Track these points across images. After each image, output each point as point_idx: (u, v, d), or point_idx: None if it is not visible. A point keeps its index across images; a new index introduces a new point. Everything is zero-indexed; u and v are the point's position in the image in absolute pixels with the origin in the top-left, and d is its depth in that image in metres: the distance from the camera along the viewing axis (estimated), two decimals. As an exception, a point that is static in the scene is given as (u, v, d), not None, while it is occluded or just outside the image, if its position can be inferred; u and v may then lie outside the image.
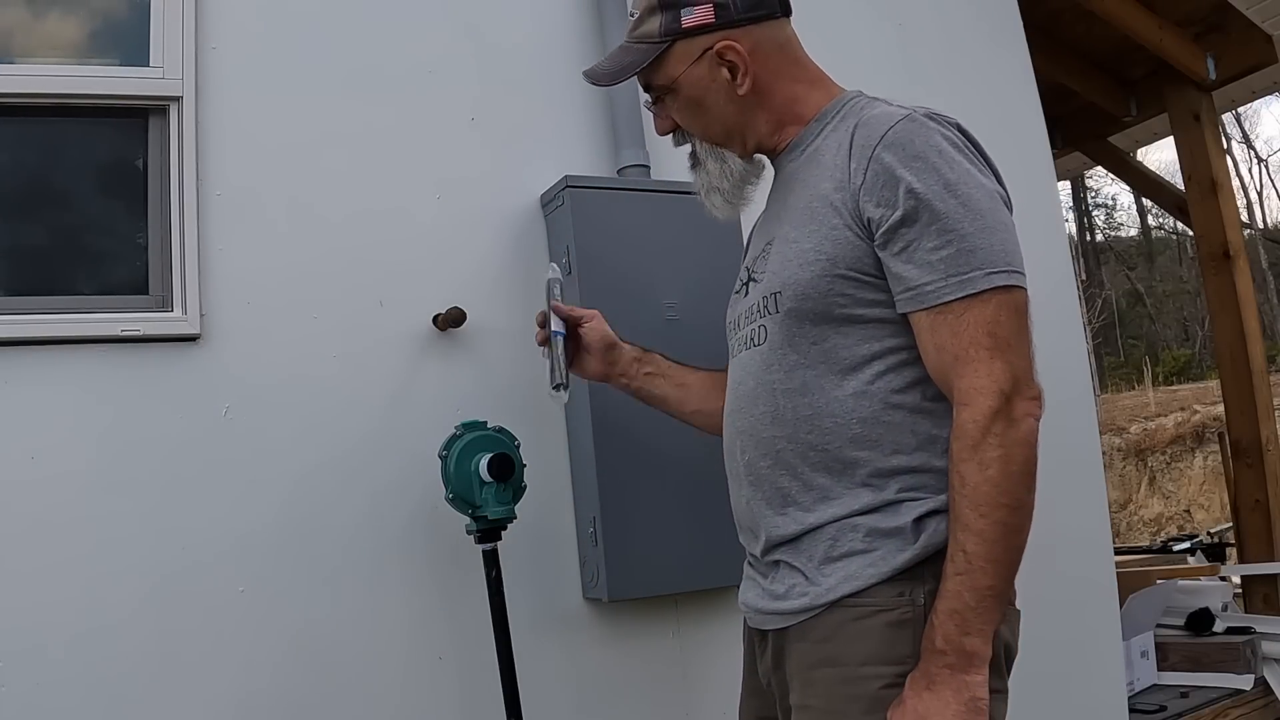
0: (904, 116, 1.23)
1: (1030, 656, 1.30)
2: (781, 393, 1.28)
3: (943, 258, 1.17)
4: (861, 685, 1.19)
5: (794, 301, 1.26)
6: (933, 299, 1.18)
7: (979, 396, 1.15)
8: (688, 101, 1.37)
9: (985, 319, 1.17)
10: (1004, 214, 1.22)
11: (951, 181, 1.19)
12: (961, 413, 1.17)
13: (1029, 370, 1.18)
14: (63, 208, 1.83)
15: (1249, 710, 3.40)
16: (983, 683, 1.14)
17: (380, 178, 1.98)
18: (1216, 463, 9.31)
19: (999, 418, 1.15)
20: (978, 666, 1.14)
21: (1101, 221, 26.35)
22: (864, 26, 2.64)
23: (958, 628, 1.14)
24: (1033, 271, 1.22)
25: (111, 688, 1.64)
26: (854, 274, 1.23)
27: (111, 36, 1.88)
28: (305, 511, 1.81)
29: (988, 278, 1.17)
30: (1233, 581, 4.46)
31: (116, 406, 1.72)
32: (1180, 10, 3.95)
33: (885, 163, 1.20)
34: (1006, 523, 1.14)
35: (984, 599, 1.14)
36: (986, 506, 1.14)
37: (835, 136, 1.30)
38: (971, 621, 1.13)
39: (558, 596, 2.00)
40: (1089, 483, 2.80)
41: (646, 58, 1.35)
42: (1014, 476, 1.15)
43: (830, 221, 1.24)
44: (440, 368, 1.96)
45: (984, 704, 1.13)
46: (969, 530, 1.14)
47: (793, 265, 1.27)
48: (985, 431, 1.15)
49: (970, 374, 1.17)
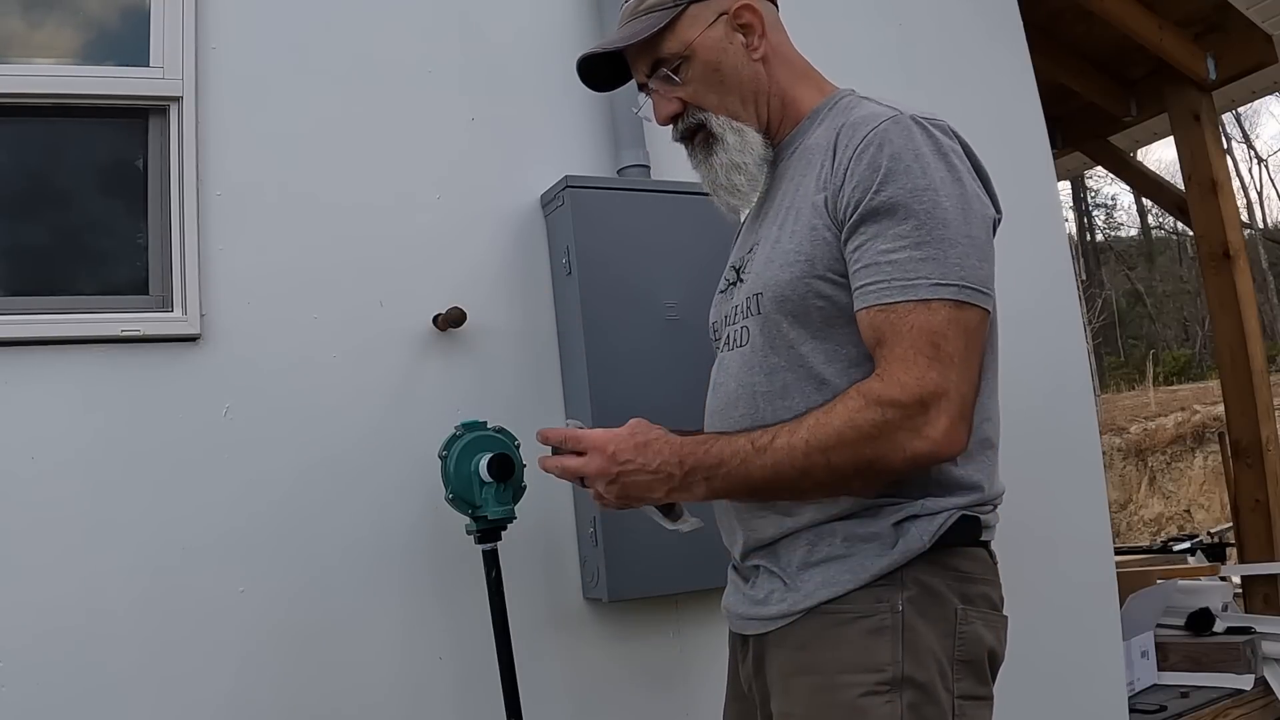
0: (889, 118, 1.19)
1: (1030, 657, 1.30)
2: (762, 395, 1.26)
3: (893, 260, 1.13)
4: (840, 693, 1.17)
5: (774, 303, 1.25)
6: (874, 299, 1.14)
7: (896, 388, 1.10)
8: (704, 68, 1.31)
9: (930, 327, 1.11)
10: (975, 228, 1.16)
11: (920, 187, 1.14)
12: (873, 382, 1.12)
13: (967, 401, 1.12)
14: (63, 208, 1.83)
15: (1249, 710, 3.40)
16: (655, 501, 1.25)
17: (380, 177, 1.98)
18: (1216, 463, 9.31)
19: (903, 417, 1.10)
20: (677, 496, 1.22)
21: (1101, 221, 26.36)
22: (864, 26, 2.64)
23: (706, 475, 1.18)
24: (1033, 271, 1.22)
25: (111, 687, 1.64)
26: (832, 275, 1.21)
27: (112, 37, 1.88)
28: (305, 511, 1.81)
29: (934, 288, 1.11)
30: (1233, 581, 4.45)
31: (117, 406, 1.72)
32: (1180, 10, 3.95)
33: (864, 162, 1.17)
34: (812, 467, 1.13)
35: (737, 480, 1.17)
36: (815, 444, 1.13)
37: (823, 135, 1.27)
38: (716, 482, 1.18)
39: (558, 596, 2.00)
40: (1089, 483, 2.80)
41: (661, 22, 1.30)
42: (857, 458, 1.12)
43: (812, 222, 1.22)
44: (440, 368, 1.96)
45: (630, 497, 1.23)
46: (791, 436, 1.14)
47: (775, 266, 1.25)
48: (879, 410, 1.10)
49: (901, 369, 1.11)
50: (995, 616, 1.24)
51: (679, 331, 1.96)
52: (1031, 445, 1.37)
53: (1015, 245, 2.73)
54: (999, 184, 1.28)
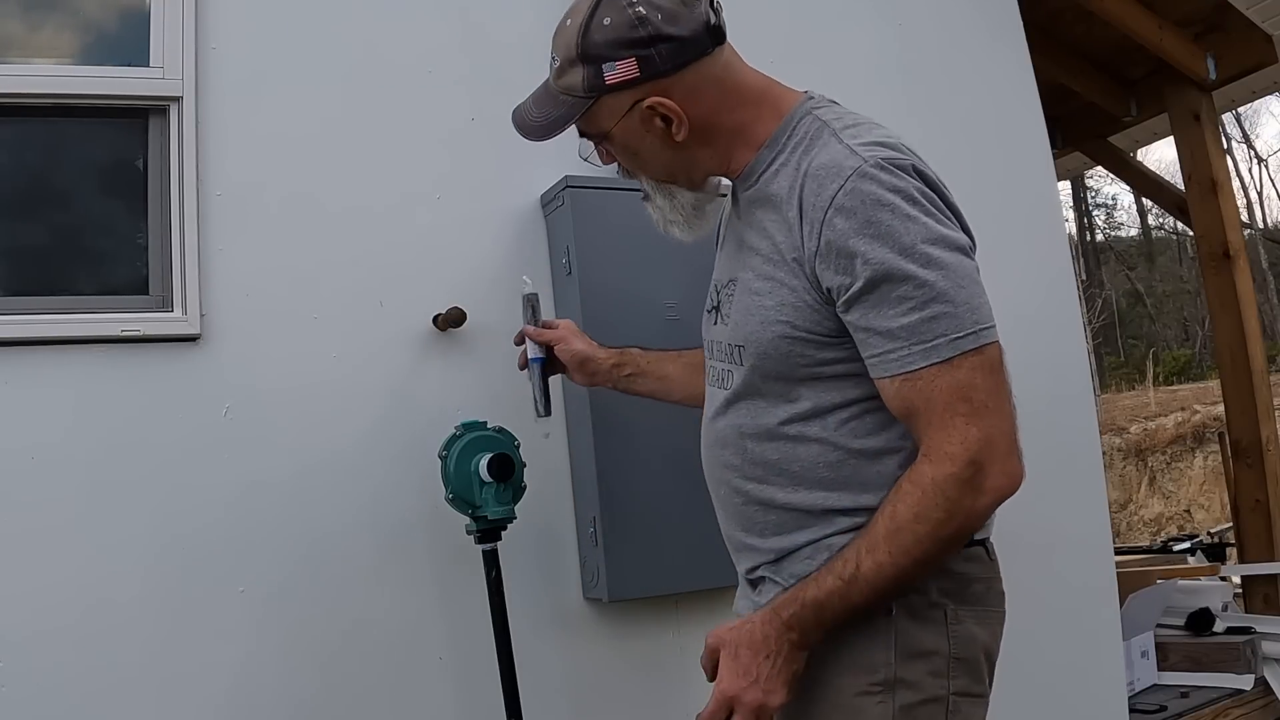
0: (853, 171, 1.15)
1: (1030, 657, 1.30)
2: (750, 437, 1.28)
3: (904, 325, 1.13)
4: (838, 694, 1.22)
5: (756, 359, 1.26)
6: (896, 367, 1.14)
7: (946, 461, 1.12)
8: (624, 150, 1.31)
9: (959, 384, 1.12)
10: (966, 265, 1.16)
11: (907, 245, 1.12)
12: (923, 464, 1.14)
13: (1010, 434, 1.14)
14: (63, 208, 1.83)
15: (1249, 710, 3.40)
16: (800, 667, 1.20)
17: (380, 177, 1.98)
18: (1216, 463, 9.30)
19: (962, 485, 1.12)
20: (804, 652, 1.20)
21: (1101, 221, 26.36)
22: (864, 26, 2.64)
23: (816, 620, 1.18)
24: (1033, 271, 1.22)
25: (111, 687, 1.64)
26: (814, 336, 1.21)
27: (111, 37, 1.88)
28: (305, 511, 1.81)
29: (953, 344, 1.12)
30: (1233, 581, 4.46)
31: (116, 407, 1.72)
32: (1180, 10, 3.95)
33: (838, 229, 1.14)
34: (906, 570, 1.15)
35: (845, 612, 1.17)
36: (899, 552, 1.14)
37: (786, 174, 1.23)
38: (828, 622, 1.18)
39: (558, 596, 2.00)
40: (1089, 483, 2.80)
41: (575, 112, 1.27)
42: (940, 541, 1.14)
43: (790, 282, 1.21)
44: (440, 368, 1.96)
45: (796, 680, 1.20)
46: (873, 556, 1.15)
47: (754, 321, 1.25)
48: (940, 491, 1.12)
49: (943, 437, 1.13)
50: (989, 613, 1.26)
51: (679, 331, 1.95)
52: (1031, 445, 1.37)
53: (1015, 245, 2.74)
54: (999, 184, 1.28)
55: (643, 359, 1.70)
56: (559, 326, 1.76)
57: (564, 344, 1.72)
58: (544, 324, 1.77)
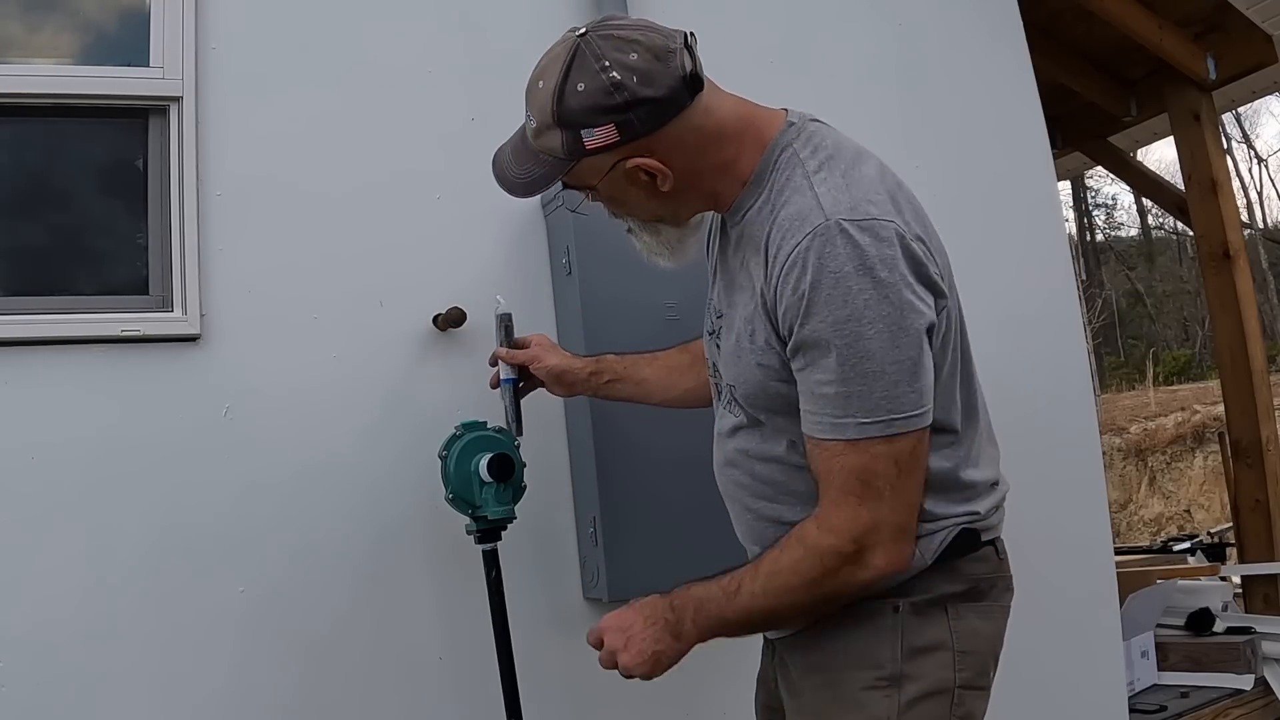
0: (812, 231, 1.14)
1: (1030, 656, 1.30)
2: (757, 460, 1.33)
3: (824, 394, 1.16)
4: (843, 688, 1.26)
5: (747, 400, 1.30)
6: (810, 429, 1.20)
7: (830, 535, 1.18)
8: (609, 200, 1.31)
9: (859, 466, 1.16)
10: (904, 349, 1.13)
11: (841, 319, 1.12)
12: (810, 526, 1.21)
13: (900, 524, 1.18)
14: (63, 208, 1.83)
15: (1249, 710, 3.40)
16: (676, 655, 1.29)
17: (380, 178, 1.98)
18: (1216, 463, 9.30)
19: (843, 558, 1.18)
20: (681, 643, 1.28)
21: (1101, 221, 26.35)
22: (863, 26, 2.63)
23: (694, 614, 1.26)
24: (1033, 271, 1.22)
25: (111, 687, 1.64)
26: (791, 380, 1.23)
27: (111, 37, 1.88)
28: (305, 511, 1.81)
29: (860, 427, 1.14)
30: (1233, 581, 4.45)
31: (117, 406, 1.72)
32: (1180, 10, 3.94)
33: (789, 286, 1.15)
34: (776, 610, 1.25)
35: (718, 622, 1.27)
36: (771, 592, 1.23)
37: (764, 217, 1.23)
38: (701, 621, 1.26)
39: (558, 596, 2.00)
40: (1089, 483, 2.80)
41: (556, 172, 1.25)
42: (814, 597, 1.22)
43: (764, 328, 1.23)
44: (440, 368, 1.96)
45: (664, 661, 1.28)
46: (751, 587, 1.24)
47: (742, 364, 1.28)
48: (819, 557, 1.19)
49: (834, 510, 1.19)
50: (993, 607, 1.30)
51: (679, 332, 1.95)
52: (1031, 445, 1.38)
53: (1015, 245, 2.74)
54: (999, 184, 1.28)
55: (619, 365, 1.71)
56: (531, 343, 1.75)
57: (538, 361, 1.72)
58: (516, 342, 1.77)
